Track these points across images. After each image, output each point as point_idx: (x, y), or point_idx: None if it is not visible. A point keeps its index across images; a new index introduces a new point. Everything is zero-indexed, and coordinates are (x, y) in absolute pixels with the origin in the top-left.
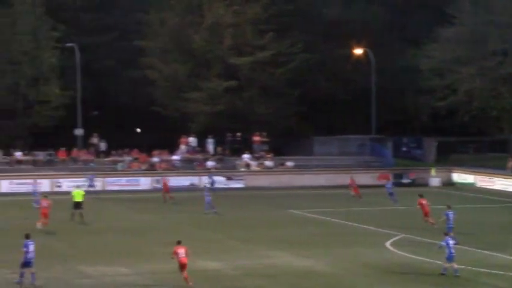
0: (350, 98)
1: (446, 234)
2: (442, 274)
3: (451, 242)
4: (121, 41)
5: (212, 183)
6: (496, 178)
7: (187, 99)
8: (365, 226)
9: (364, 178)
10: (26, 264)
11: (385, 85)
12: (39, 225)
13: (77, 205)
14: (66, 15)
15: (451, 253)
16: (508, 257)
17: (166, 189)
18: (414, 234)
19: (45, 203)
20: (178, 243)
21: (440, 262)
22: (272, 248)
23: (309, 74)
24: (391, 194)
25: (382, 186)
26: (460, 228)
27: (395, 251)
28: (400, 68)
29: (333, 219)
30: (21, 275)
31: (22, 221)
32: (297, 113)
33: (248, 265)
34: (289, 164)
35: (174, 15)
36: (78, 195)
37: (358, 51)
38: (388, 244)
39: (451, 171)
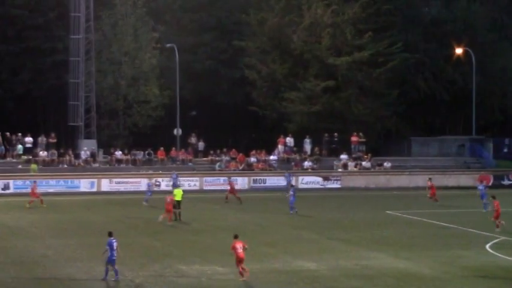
0: (449, 98)
1: None
2: None
3: None
4: (220, 41)
5: (289, 182)
6: None
7: (285, 99)
8: (464, 228)
9: (464, 179)
10: (110, 261)
11: (486, 85)
12: (161, 217)
13: (176, 204)
14: (166, 15)
15: None
16: None
17: (232, 190)
18: None
19: (168, 199)
20: (236, 237)
21: None
22: (370, 249)
23: (408, 74)
24: (482, 196)
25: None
26: None
27: (496, 253)
28: (501, 67)
29: (430, 221)
30: (106, 272)
31: (123, 219)
32: (395, 113)
33: (345, 266)
34: (387, 164)
35: (273, 15)
36: (178, 195)
37: (459, 50)
38: (488, 247)
39: None
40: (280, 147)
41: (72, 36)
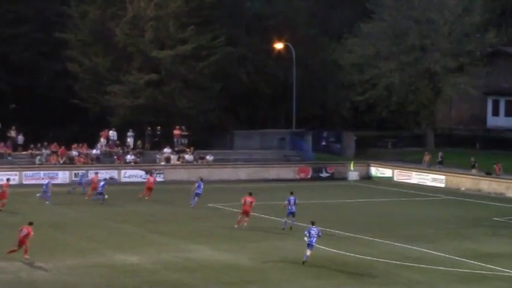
0: (271, 92)
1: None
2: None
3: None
4: (40, 33)
5: (82, 177)
6: (414, 172)
7: (108, 93)
8: (283, 219)
9: (284, 172)
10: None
11: (306, 79)
12: None
13: None
14: None
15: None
16: (424, 249)
17: (94, 187)
18: (332, 227)
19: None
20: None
21: (354, 255)
22: (192, 241)
23: (230, 67)
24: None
25: (302, 180)
26: (377, 221)
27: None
28: (321, 62)
29: (252, 213)
30: None
31: None
32: (218, 106)
33: (167, 259)
34: (209, 157)
35: (95, 7)
36: None
37: (280, 45)
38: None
39: (369, 165)
40: (102, 140)
41: None
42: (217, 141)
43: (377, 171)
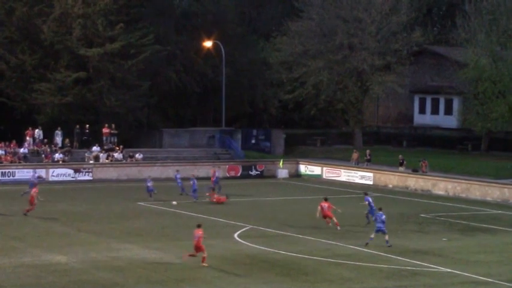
0: (200, 90)
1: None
2: None
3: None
4: None
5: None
6: (342, 170)
7: (35, 91)
8: (214, 218)
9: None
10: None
11: (236, 78)
12: None
13: None
14: None
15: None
16: (353, 246)
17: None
18: (261, 225)
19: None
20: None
21: (284, 252)
22: (121, 240)
23: (159, 66)
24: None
25: (232, 178)
26: (307, 219)
27: (243, 242)
28: (250, 61)
29: (182, 211)
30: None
31: None
32: (147, 105)
33: (96, 258)
34: (138, 156)
35: (21, 4)
36: None
37: (209, 43)
38: (236, 236)
39: (298, 163)
40: (28, 139)
41: None
42: (147, 139)
43: (306, 169)
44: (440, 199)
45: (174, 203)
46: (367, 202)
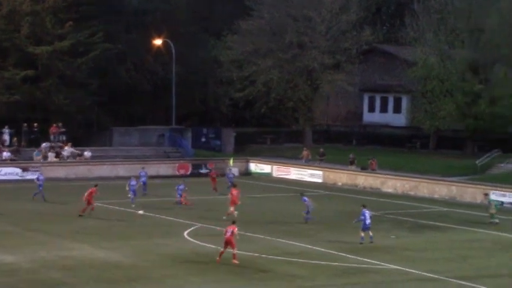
0: (151, 88)
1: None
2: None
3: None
4: None
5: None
6: (292, 168)
7: None
8: (164, 217)
9: (164, 169)
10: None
11: (187, 76)
12: None
13: None
14: None
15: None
16: (304, 244)
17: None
18: (212, 224)
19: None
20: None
21: (238, 252)
22: (71, 240)
23: (109, 64)
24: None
25: (182, 176)
26: (257, 217)
27: (195, 241)
28: (201, 59)
29: (131, 210)
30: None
31: None
32: (97, 103)
33: (45, 257)
34: (87, 154)
35: None
36: None
37: (159, 41)
38: (187, 234)
39: (248, 162)
40: None
41: None
42: (96, 138)
43: (256, 167)
44: (389, 197)
45: (141, 212)
46: (305, 202)
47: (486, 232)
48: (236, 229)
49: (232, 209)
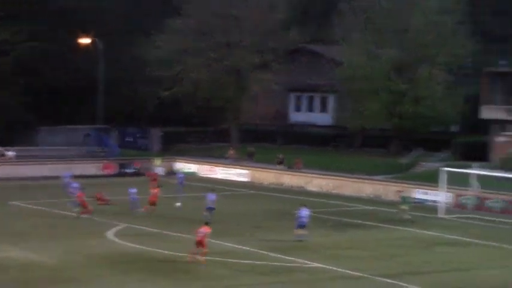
0: (78, 88)
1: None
2: None
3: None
4: None
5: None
6: (218, 167)
7: None
8: (88, 216)
9: (89, 168)
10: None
11: (114, 75)
12: None
13: None
14: None
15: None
16: (230, 244)
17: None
18: (137, 223)
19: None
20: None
21: (160, 250)
22: None
23: (34, 63)
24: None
25: (107, 176)
26: (184, 216)
27: (119, 241)
28: (129, 58)
29: (54, 210)
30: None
31: None
32: (21, 102)
33: None
34: (11, 154)
35: None
36: None
37: (86, 40)
38: (111, 234)
39: (174, 161)
40: None
41: None
42: (20, 137)
43: (183, 166)
44: (314, 195)
45: (178, 204)
46: (211, 199)
47: (409, 230)
48: (209, 230)
49: (150, 207)
